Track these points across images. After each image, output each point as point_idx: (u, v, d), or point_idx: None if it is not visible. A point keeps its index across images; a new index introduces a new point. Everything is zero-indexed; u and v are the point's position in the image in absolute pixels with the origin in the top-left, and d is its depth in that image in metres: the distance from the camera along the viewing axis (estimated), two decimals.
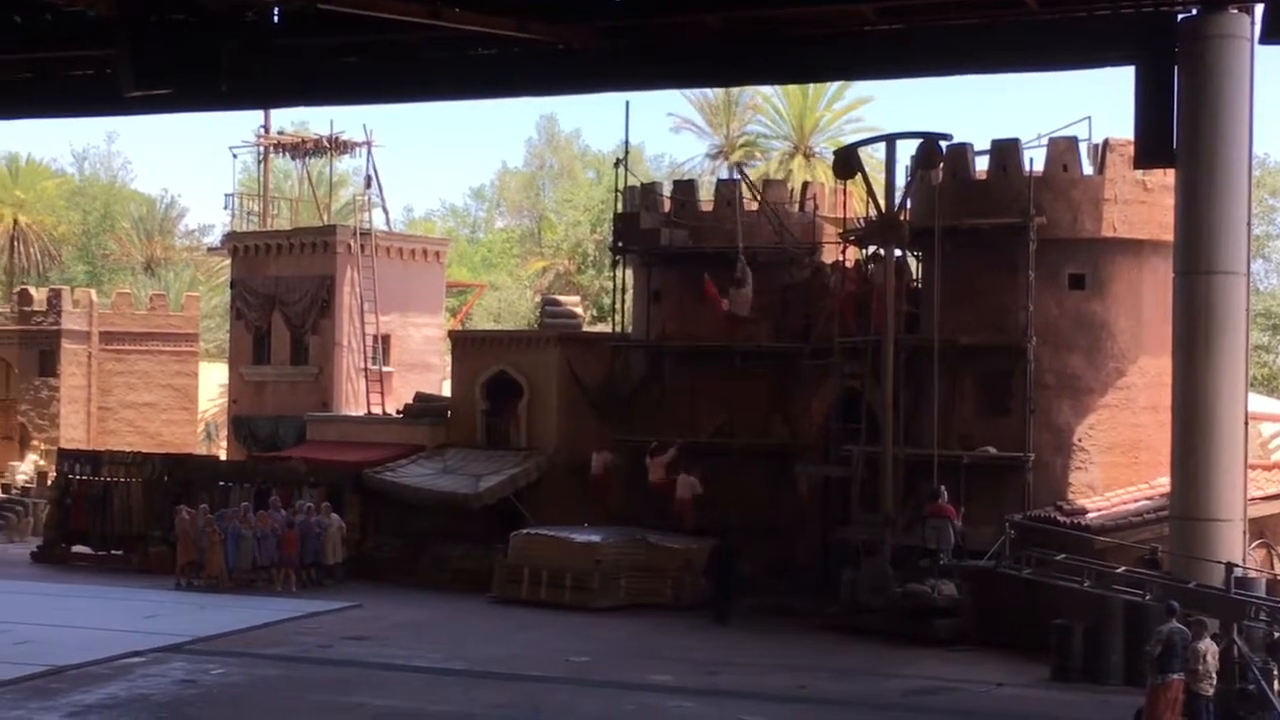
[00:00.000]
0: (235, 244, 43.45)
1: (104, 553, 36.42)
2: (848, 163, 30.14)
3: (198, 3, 19.38)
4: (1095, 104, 45.73)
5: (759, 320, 32.74)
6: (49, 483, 40.38)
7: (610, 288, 40.84)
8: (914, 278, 31.31)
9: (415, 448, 36.14)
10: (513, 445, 35.16)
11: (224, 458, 44.23)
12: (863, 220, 31.17)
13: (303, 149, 47.56)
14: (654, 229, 33.86)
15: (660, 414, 33.22)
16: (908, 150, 29.09)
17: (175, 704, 20.92)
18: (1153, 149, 23.61)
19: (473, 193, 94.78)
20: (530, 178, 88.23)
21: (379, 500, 34.87)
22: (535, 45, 23.78)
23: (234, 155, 47.14)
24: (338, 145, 46.20)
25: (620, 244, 34.82)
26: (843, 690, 22.93)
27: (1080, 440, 28.41)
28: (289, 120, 59.25)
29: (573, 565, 30.36)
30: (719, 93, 64.09)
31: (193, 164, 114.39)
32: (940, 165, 28.89)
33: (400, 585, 32.77)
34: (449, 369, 40.14)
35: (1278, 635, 20.80)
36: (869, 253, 30.87)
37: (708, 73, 28.52)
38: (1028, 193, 28.14)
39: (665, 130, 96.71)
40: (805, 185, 36.00)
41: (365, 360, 41.01)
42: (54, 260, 76.71)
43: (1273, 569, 25.17)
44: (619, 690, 22.52)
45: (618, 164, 35.05)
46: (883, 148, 30.13)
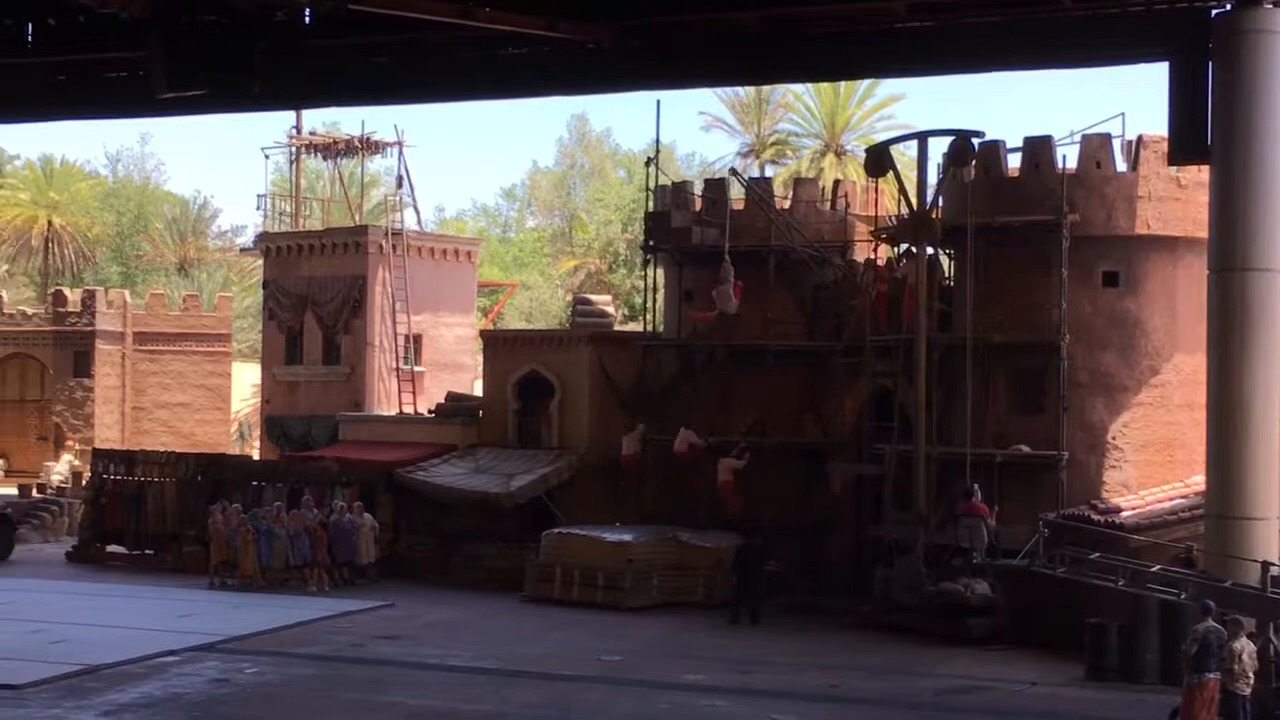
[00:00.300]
0: (268, 244, 43.61)
1: (138, 552, 36.60)
2: (879, 161, 30.05)
3: (229, 4, 19.46)
4: (1129, 101, 45.53)
5: (793, 320, 32.74)
6: (84, 483, 40.61)
7: (642, 287, 40.84)
8: (946, 276, 31.21)
9: (447, 447, 36.18)
10: (544, 445, 35.18)
11: (257, 457, 44.40)
12: (895, 218, 31.08)
13: (334, 149, 47.70)
14: (685, 228, 33.83)
15: (692, 413, 33.15)
16: (940, 148, 29.03)
17: (209, 703, 21.00)
18: (1187, 145, 23.46)
19: (504, 192, 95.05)
20: (561, 177, 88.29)
21: (411, 500, 34.93)
22: (565, 45, 23.78)
23: (266, 156, 47.36)
24: (369, 145, 46.32)
25: (651, 243, 34.80)
26: (876, 689, 22.85)
27: (1114, 438, 28.26)
28: (321, 121, 59.47)
29: (605, 564, 30.36)
30: (750, 91, 64.00)
31: (225, 165, 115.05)
32: (973, 163, 28.79)
33: (433, 584, 32.82)
34: (481, 369, 40.20)
35: None
36: (901, 251, 30.77)
37: (738, 71, 28.44)
38: (1061, 190, 28.00)
39: (696, 129, 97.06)
40: (836, 183, 35.91)
41: (397, 360, 41.11)
42: (88, 261, 77.17)
43: None
44: (651, 689, 22.49)
45: (649, 163, 35.02)
46: (914, 145, 30.04)
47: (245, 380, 56.81)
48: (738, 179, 34.84)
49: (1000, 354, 28.56)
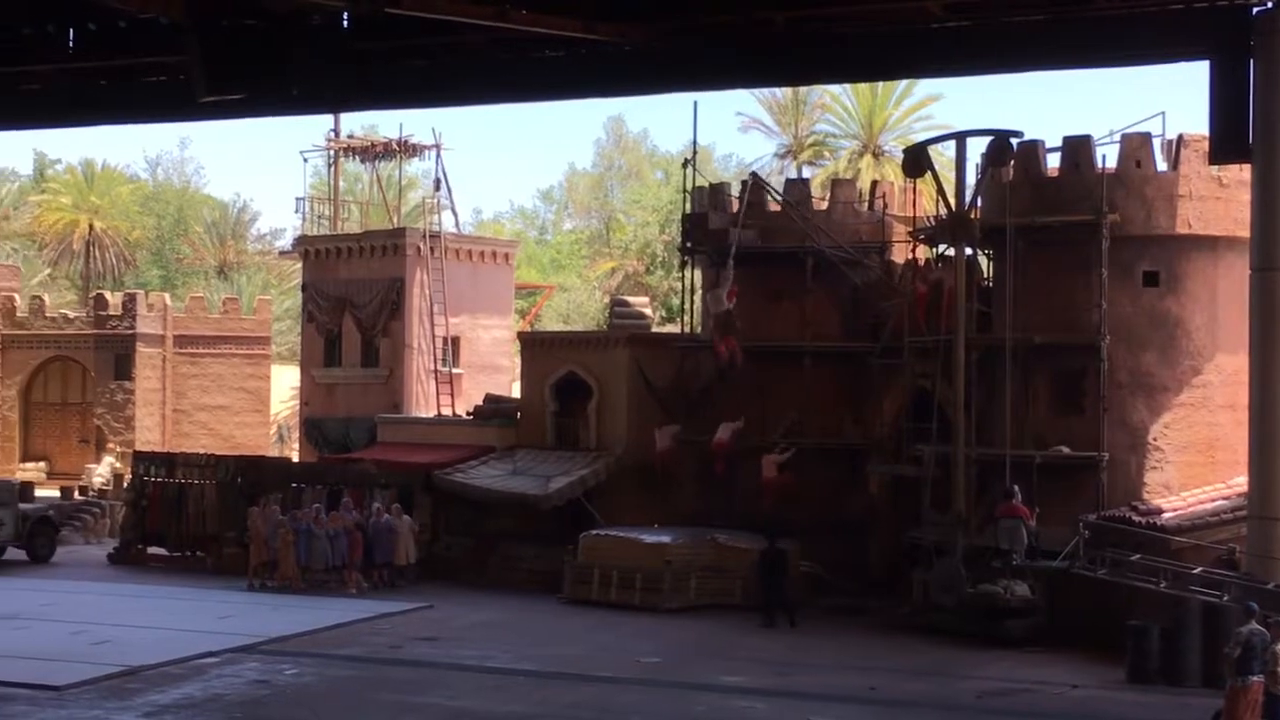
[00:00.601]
0: (306, 247, 43.79)
1: (179, 554, 36.82)
2: (918, 161, 29.97)
3: (267, 8, 19.53)
4: (1169, 100, 45.33)
5: (831, 321, 32.72)
6: (125, 485, 40.85)
7: (679, 288, 40.82)
8: (985, 276, 31.07)
9: (485, 449, 36.25)
10: (582, 446, 35.20)
11: (296, 459, 44.58)
12: (933, 219, 30.96)
13: (372, 152, 47.88)
14: (723, 229, 33.78)
15: (730, 414, 33.06)
16: (978, 148, 28.91)
17: (249, 704, 21.11)
18: (1228, 144, 23.27)
19: (541, 194, 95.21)
20: (598, 179, 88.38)
21: (449, 501, 35.01)
22: (601, 46, 23.76)
23: (304, 159, 47.72)
24: (407, 148, 46.47)
25: (689, 244, 34.78)
26: (914, 691, 22.78)
27: (1155, 439, 28.08)
28: (358, 124, 59.82)
29: (643, 566, 30.35)
30: (787, 92, 63.92)
31: (264, 168, 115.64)
32: (1011, 162, 28.66)
33: (471, 586, 32.89)
34: (518, 370, 40.26)
35: None
36: (939, 252, 30.65)
37: (774, 71, 28.38)
38: (1100, 190, 27.84)
39: (733, 130, 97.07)
40: (874, 184, 35.83)
41: (435, 362, 41.21)
42: (129, 265, 77.72)
43: None
44: (689, 691, 22.48)
45: (686, 164, 35.00)
46: (953, 145, 29.92)
47: (284, 382, 57.06)
48: (758, 181, 34.72)
49: (1040, 355, 28.43)
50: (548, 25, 22.60)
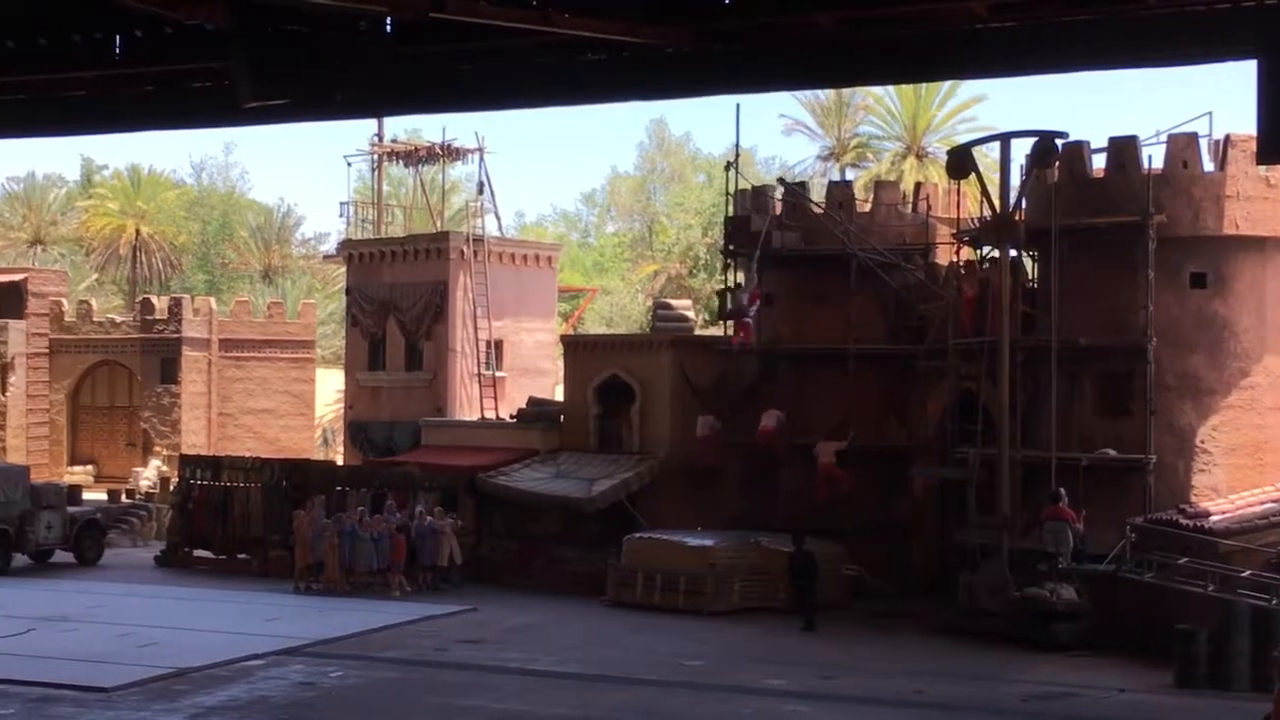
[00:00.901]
0: (350, 251, 43.96)
1: (225, 556, 37.03)
2: (962, 162, 29.83)
3: (312, 14, 19.62)
4: (1216, 100, 45.12)
5: (875, 322, 32.62)
6: (171, 488, 41.13)
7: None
8: (1030, 278, 30.91)
9: (529, 452, 36.32)
10: (625, 449, 35.22)
11: (341, 462, 44.78)
12: (977, 220, 30.83)
13: (416, 156, 48.04)
14: (765, 232, 33.73)
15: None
16: (1023, 149, 28.78)
17: (294, 706, 21.19)
18: (1276, 143, 23.00)
19: (584, 197, 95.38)
20: (641, 182, 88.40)
21: (493, 504, 35.10)
22: (644, 49, 23.74)
23: (349, 164, 47.78)
24: (450, 152, 46.62)
25: (732, 247, 34.74)
26: (960, 695, 22.67)
27: (1203, 442, 27.86)
28: (402, 128, 59.92)
29: (686, 569, 30.34)
30: (830, 94, 63.78)
31: (308, 173, 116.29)
32: (1056, 163, 28.50)
33: (514, 589, 32.95)
34: (561, 373, 40.32)
35: None
36: (984, 253, 30.51)
37: (818, 73, 28.07)
38: (1147, 190, 27.66)
39: (776, 132, 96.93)
40: (918, 186, 35.71)
41: (479, 365, 41.30)
42: (175, 269, 78.24)
43: None
44: (734, 694, 22.44)
45: (728, 167, 34.99)
46: (997, 147, 29.81)
47: (329, 386, 57.33)
48: (787, 186, 34.60)
49: (1086, 357, 28.26)
50: (590, 28, 22.57)
